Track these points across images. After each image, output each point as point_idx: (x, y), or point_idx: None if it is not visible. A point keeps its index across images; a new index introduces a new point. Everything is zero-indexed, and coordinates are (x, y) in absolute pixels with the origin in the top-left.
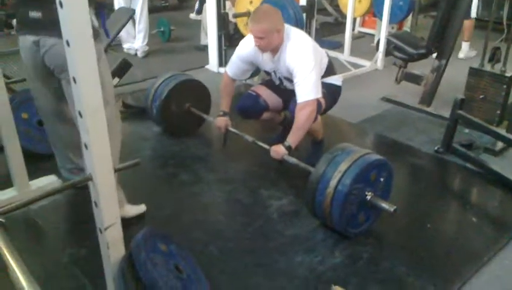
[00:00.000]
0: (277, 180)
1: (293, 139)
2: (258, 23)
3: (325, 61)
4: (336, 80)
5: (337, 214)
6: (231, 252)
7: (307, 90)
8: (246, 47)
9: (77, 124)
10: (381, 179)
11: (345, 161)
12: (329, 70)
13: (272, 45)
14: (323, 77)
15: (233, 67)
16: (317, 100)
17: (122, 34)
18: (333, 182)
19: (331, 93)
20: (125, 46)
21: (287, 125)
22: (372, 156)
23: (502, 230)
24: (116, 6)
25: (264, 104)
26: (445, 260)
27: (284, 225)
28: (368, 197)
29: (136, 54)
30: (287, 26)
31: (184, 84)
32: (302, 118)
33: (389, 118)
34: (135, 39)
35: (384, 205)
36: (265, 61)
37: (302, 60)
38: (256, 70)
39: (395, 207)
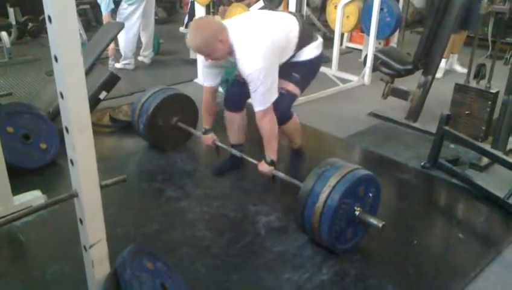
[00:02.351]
0: (264, 195)
1: (270, 152)
2: (193, 45)
3: (295, 35)
4: (312, 50)
5: (326, 230)
6: (218, 270)
7: (262, 99)
8: None
9: None
10: (370, 195)
11: (334, 175)
12: (303, 40)
13: (222, 54)
14: (297, 50)
15: (205, 76)
16: (288, 94)
17: (127, 52)
18: (322, 197)
19: (308, 70)
20: (125, 61)
21: None
22: (360, 171)
23: (488, 246)
24: (129, 25)
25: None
26: (433, 276)
27: (271, 241)
28: (357, 213)
29: (142, 62)
30: (235, 23)
31: (171, 98)
32: (266, 128)
33: (376, 133)
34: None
35: (373, 220)
36: (227, 61)
37: (252, 68)
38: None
39: (383, 223)
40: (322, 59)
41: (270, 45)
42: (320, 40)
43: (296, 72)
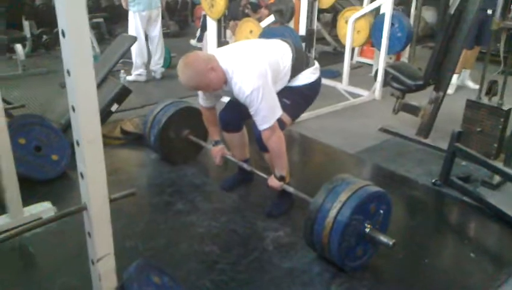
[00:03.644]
0: None
1: (279, 168)
2: (189, 83)
3: (288, 60)
4: (307, 76)
5: (336, 246)
6: (225, 286)
7: (265, 116)
8: None
9: None
10: (381, 211)
11: (345, 191)
12: (298, 66)
13: (219, 83)
14: (292, 75)
15: (202, 99)
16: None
17: (137, 60)
18: (333, 212)
19: (302, 96)
20: (137, 72)
21: None
22: (372, 187)
23: (501, 266)
24: (133, 33)
25: (247, 111)
26: None
27: (280, 257)
28: (367, 230)
29: (153, 77)
30: (223, 51)
31: (183, 111)
32: (274, 146)
33: (387, 149)
34: (149, 65)
35: (383, 238)
36: (222, 90)
37: (250, 88)
38: None
39: (393, 241)
40: (319, 85)
41: (265, 65)
42: (316, 65)
43: (287, 98)
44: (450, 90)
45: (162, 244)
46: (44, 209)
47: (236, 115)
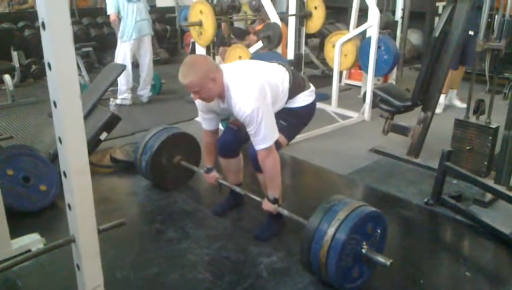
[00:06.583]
0: None
1: (272, 190)
2: (186, 78)
3: (286, 84)
4: (304, 98)
5: (334, 265)
6: None
7: (264, 137)
8: None
9: None
10: (378, 232)
11: (343, 210)
12: (295, 89)
13: (212, 94)
14: (289, 98)
15: (203, 121)
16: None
17: (121, 86)
18: (331, 230)
19: (298, 118)
20: (122, 96)
21: None
22: (369, 207)
23: (497, 284)
24: (120, 61)
25: (245, 136)
26: None
27: (274, 283)
28: (364, 251)
29: (141, 101)
30: (229, 67)
31: (175, 137)
32: (269, 166)
33: (378, 170)
34: (137, 90)
35: (380, 258)
36: (219, 107)
37: (249, 108)
38: None
39: (391, 261)
40: (315, 107)
41: (265, 86)
42: (312, 88)
43: (283, 120)
44: (438, 110)
45: (153, 274)
46: (32, 241)
47: (234, 140)
